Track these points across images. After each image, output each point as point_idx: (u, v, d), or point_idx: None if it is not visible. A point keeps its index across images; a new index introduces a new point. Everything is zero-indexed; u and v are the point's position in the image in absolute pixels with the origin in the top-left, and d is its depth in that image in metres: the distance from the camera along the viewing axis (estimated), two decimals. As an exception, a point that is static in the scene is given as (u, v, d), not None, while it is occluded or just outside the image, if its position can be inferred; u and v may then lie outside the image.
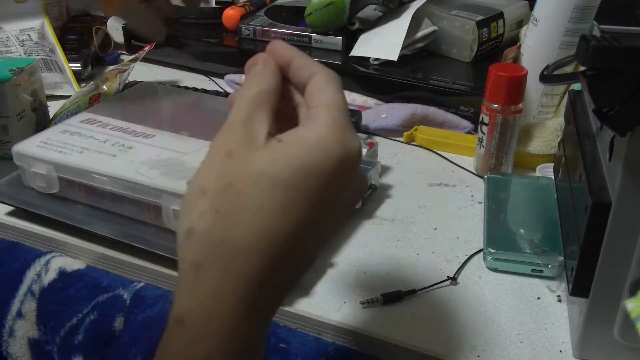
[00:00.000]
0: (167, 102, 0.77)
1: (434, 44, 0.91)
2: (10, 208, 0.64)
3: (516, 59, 0.77)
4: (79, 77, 0.93)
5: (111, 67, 0.89)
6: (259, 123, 0.34)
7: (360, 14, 0.92)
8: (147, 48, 0.88)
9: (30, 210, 0.62)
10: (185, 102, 0.77)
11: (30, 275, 0.60)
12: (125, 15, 0.71)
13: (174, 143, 0.63)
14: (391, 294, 0.54)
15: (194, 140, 0.63)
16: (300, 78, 0.37)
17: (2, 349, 0.62)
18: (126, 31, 1.01)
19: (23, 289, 0.60)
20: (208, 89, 0.90)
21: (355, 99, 0.85)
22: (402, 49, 0.86)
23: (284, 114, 0.38)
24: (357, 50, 0.89)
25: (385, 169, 0.73)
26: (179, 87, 0.90)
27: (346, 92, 0.86)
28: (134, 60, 0.85)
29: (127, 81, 0.86)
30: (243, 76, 0.92)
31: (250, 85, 0.36)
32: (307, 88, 0.37)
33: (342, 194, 0.35)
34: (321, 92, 0.36)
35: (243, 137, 0.34)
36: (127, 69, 0.83)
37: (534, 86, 0.73)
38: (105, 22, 1.03)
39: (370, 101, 0.85)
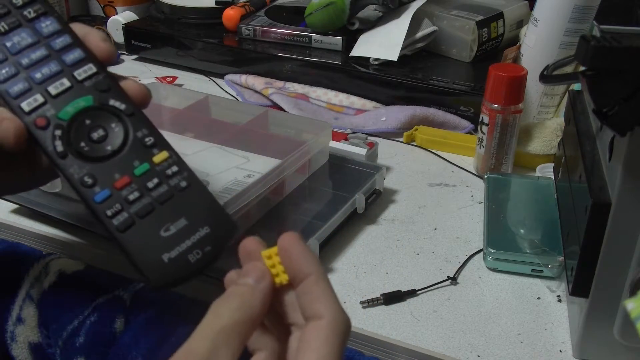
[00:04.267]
0: (171, 103, 0.77)
1: (434, 44, 0.91)
2: (13, 206, 0.65)
3: (516, 59, 0.77)
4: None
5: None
6: None
7: (360, 14, 0.92)
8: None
9: (33, 209, 0.62)
10: (189, 103, 0.77)
11: (28, 280, 0.60)
12: None
13: (177, 144, 0.62)
14: (391, 294, 0.54)
15: (197, 142, 0.63)
16: (303, 310, 0.31)
17: (7, 351, 0.62)
18: (126, 31, 1.02)
19: (22, 294, 0.60)
20: (208, 89, 0.90)
21: (353, 102, 0.85)
22: (402, 49, 0.86)
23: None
24: (357, 50, 0.89)
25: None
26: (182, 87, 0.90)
27: (345, 95, 0.86)
28: None
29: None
30: (243, 76, 0.92)
31: (229, 307, 0.30)
32: (304, 332, 0.31)
33: None
34: (314, 347, 0.29)
35: None
36: None
37: (534, 86, 0.73)
38: (106, 22, 1.03)
39: (369, 104, 0.85)
